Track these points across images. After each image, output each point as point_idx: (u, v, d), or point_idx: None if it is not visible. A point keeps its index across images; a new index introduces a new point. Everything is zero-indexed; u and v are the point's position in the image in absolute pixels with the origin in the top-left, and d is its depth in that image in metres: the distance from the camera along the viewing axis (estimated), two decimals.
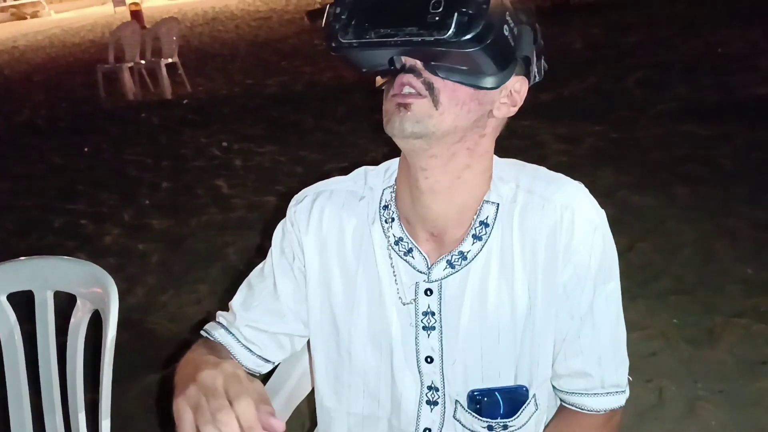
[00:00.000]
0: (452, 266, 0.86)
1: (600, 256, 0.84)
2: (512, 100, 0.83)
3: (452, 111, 0.78)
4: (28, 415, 1.26)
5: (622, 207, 3.15)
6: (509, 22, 0.75)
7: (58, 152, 5.81)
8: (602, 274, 0.84)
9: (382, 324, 0.90)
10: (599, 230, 0.84)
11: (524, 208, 0.84)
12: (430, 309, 0.87)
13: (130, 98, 7.47)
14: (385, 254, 0.89)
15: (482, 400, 0.87)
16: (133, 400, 2.23)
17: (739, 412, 1.86)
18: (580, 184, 0.87)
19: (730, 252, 2.66)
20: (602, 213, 0.86)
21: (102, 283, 1.13)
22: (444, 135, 0.79)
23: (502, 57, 0.76)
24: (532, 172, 0.88)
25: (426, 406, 0.91)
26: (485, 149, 0.84)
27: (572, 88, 5.30)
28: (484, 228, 0.85)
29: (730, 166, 3.48)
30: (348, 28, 0.77)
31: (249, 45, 11.30)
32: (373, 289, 0.90)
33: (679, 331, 2.22)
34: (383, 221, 0.90)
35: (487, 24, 0.71)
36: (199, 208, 4.00)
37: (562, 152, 4.02)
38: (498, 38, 0.73)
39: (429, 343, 0.88)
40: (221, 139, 5.45)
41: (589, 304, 0.85)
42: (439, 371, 0.89)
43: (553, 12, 9.06)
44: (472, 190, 0.85)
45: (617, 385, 0.89)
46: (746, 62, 5.24)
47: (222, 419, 0.61)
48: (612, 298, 0.87)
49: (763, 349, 2.09)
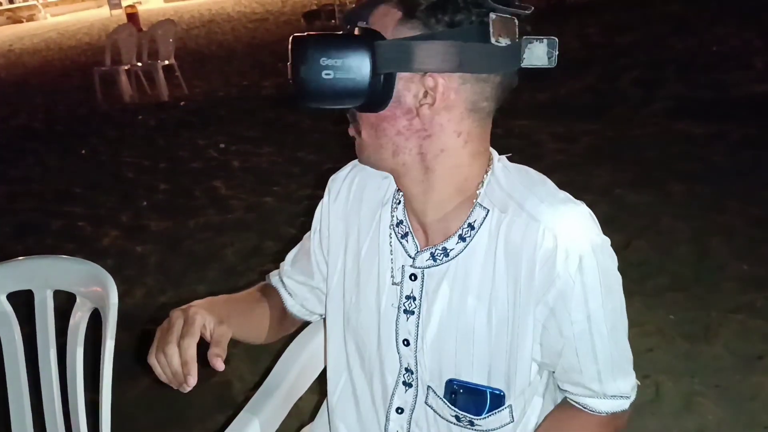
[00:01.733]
0: (434, 259, 0.88)
1: (590, 281, 0.80)
2: (431, 99, 0.79)
3: (370, 137, 0.84)
4: (29, 415, 1.26)
5: (618, 205, 3.17)
6: (328, 64, 0.77)
7: (55, 155, 5.81)
8: (595, 298, 0.81)
9: (375, 300, 0.94)
10: (586, 256, 0.79)
11: (511, 222, 0.82)
12: (412, 294, 0.90)
13: (127, 100, 7.47)
14: (387, 233, 0.93)
15: (458, 391, 0.89)
16: (133, 401, 2.23)
17: (735, 407, 1.87)
18: (581, 206, 0.83)
19: (726, 248, 2.67)
20: (597, 238, 0.81)
21: (102, 281, 1.14)
22: (378, 158, 0.85)
23: (349, 90, 0.78)
24: (531, 186, 0.84)
25: (402, 386, 0.94)
26: (440, 148, 0.82)
27: (568, 87, 5.32)
28: (470, 230, 0.86)
29: (725, 163, 3.50)
30: None
31: (246, 47, 11.30)
32: (373, 264, 0.94)
33: (675, 327, 2.23)
34: (394, 202, 0.94)
35: (300, 85, 0.78)
36: (196, 209, 4.01)
37: (558, 151, 4.03)
38: (323, 85, 0.77)
39: (407, 326, 0.91)
40: (219, 140, 5.45)
41: (584, 327, 0.83)
42: (413, 355, 0.91)
43: (549, 12, 9.08)
44: (444, 189, 0.85)
45: (621, 392, 0.89)
46: (740, 61, 5.26)
47: (167, 351, 0.84)
48: (609, 318, 0.84)
49: (759, 345, 2.10)
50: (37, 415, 1.26)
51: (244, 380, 2.27)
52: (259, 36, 12.71)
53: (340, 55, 0.77)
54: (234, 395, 2.21)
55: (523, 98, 5.21)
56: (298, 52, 0.78)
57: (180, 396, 2.51)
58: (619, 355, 0.88)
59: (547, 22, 8.40)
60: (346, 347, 1.01)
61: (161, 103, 7.22)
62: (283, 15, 16.19)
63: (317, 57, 0.77)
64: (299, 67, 0.77)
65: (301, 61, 0.77)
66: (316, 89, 0.78)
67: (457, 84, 0.79)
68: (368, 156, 0.86)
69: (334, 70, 0.76)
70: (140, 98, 7.51)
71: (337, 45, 0.77)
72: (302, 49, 0.77)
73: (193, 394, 2.51)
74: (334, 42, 0.78)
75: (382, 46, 0.77)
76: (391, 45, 0.77)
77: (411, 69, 0.78)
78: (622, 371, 0.89)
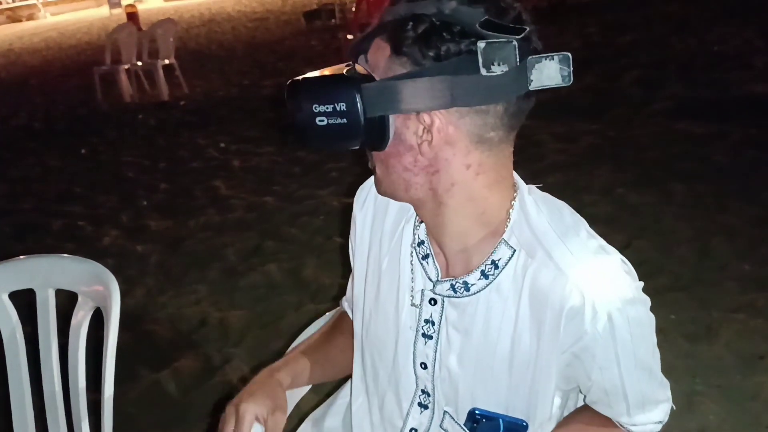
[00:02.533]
0: (455, 291, 0.86)
1: (620, 338, 0.77)
2: (431, 136, 0.76)
3: (382, 173, 0.83)
4: (31, 414, 1.26)
5: (619, 204, 3.17)
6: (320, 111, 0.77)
7: (55, 155, 5.81)
8: (626, 350, 0.79)
9: (393, 318, 0.93)
10: (616, 313, 0.76)
11: (538, 270, 0.79)
12: (431, 318, 0.89)
13: (127, 100, 7.47)
14: (409, 251, 0.92)
15: (481, 420, 0.86)
16: (134, 401, 2.23)
17: (736, 406, 1.87)
18: (612, 257, 0.80)
19: (727, 248, 2.67)
20: (627, 293, 0.78)
21: (103, 280, 1.14)
22: (392, 192, 0.84)
23: (344, 134, 0.78)
24: (563, 233, 0.79)
25: (417, 407, 0.93)
26: (450, 182, 0.79)
27: (569, 87, 5.22)
28: (494, 269, 0.83)
29: (726, 163, 3.50)
30: None
31: (246, 46, 11.29)
32: (393, 280, 0.93)
33: (676, 327, 2.23)
34: (417, 220, 0.92)
35: (298, 131, 0.79)
36: (197, 209, 4.01)
37: (559, 151, 4.03)
38: (318, 131, 0.78)
39: (425, 350, 0.90)
40: (219, 140, 5.45)
41: (615, 376, 0.81)
42: (431, 379, 0.90)
43: (550, 11, 9.08)
44: (459, 222, 0.83)
45: (651, 421, 0.89)
46: (741, 60, 5.26)
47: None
48: (641, 367, 0.82)
49: (761, 344, 2.10)
50: (38, 414, 1.26)
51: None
52: (259, 35, 12.71)
53: (331, 100, 0.76)
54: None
55: None
56: (292, 98, 0.78)
57: (181, 396, 2.52)
58: (651, 390, 0.87)
59: (548, 22, 8.42)
60: (363, 357, 1.01)
61: (161, 102, 7.21)
62: (283, 14, 16.18)
63: (309, 104, 0.77)
64: (295, 114, 0.78)
65: (296, 108, 0.78)
66: (313, 135, 0.78)
67: (456, 118, 0.75)
68: (384, 190, 0.86)
69: (326, 117, 0.76)
70: (140, 98, 7.51)
71: (327, 91, 0.77)
72: (295, 96, 0.78)
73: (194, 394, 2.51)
74: (325, 88, 0.77)
75: (369, 89, 0.75)
76: (378, 88, 0.75)
77: (401, 110, 0.75)
78: (654, 402, 0.88)
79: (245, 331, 2.58)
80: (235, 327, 2.62)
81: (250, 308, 2.74)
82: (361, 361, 1.01)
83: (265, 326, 2.59)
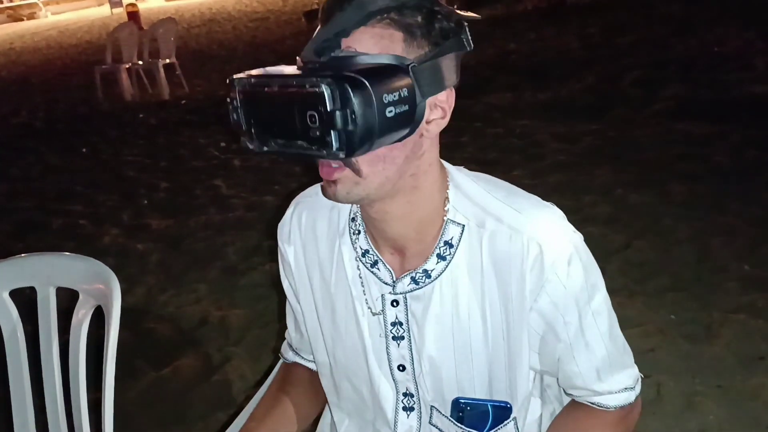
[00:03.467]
0: (416, 282, 0.86)
1: (576, 281, 0.82)
2: (442, 114, 0.78)
3: (375, 172, 0.76)
4: (31, 412, 1.26)
5: (619, 205, 3.17)
6: (390, 101, 0.70)
7: (56, 153, 5.81)
8: (584, 295, 0.83)
9: (357, 333, 0.91)
10: (571, 258, 0.81)
11: (493, 235, 0.82)
12: (397, 319, 0.88)
13: (128, 99, 7.47)
14: (354, 265, 0.90)
15: (465, 409, 0.88)
16: (134, 399, 2.23)
17: (736, 407, 1.87)
18: (552, 208, 0.84)
19: (727, 249, 2.67)
20: (575, 237, 0.83)
21: (104, 278, 1.14)
22: (378, 191, 0.78)
23: (402, 124, 0.72)
24: (503, 196, 0.84)
25: (403, 412, 0.93)
26: (429, 163, 0.81)
27: (569, 87, 5.32)
28: (449, 248, 0.84)
29: (726, 164, 3.50)
30: (252, 134, 0.75)
31: (246, 46, 11.30)
32: (346, 298, 0.91)
33: (676, 328, 2.23)
34: (351, 233, 0.90)
35: (364, 131, 0.68)
36: (197, 208, 4.01)
37: (559, 151, 4.03)
38: (385, 125, 0.70)
39: (399, 352, 0.89)
40: (219, 139, 5.45)
41: (577, 327, 0.84)
42: (411, 378, 0.90)
43: (550, 12, 9.08)
44: (426, 206, 0.83)
45: (624, 386, 0.90)
46: (742, 61, 5.26)
47: None
48: (599, 313, 0.86)
49: (761, 345, 2.10)
50: (39, 412, 1.26)
51: (245, 379, 2.27)
52: (260, 35, 12.71)
53: (397, 88, 0.70)
54: (235, 394, 2.21)
55: (524, 98, 5.22)
56: (359, 94, 0.67)
57: (181, 395, 2.52)
58: (615, 348, 0.89)
59: (548, 23, 8.43)
60: (336, 385, 0.98)
61: (162, 101, 7.22)
62: (283, 14, 16.18)
63: (380, 95, 0.69)
64: (363, 109, 0.67)
65: (365, 103, 0.67)
66: (382, 128, 0.70)
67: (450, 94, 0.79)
68: (361, 191, 0.77)
69: (395, 106, 0.70)
70: (141, 97, 7.51)
71: (391, 79, 0.71)
72: (362, 92, 0.67)
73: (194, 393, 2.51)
74: (388, 76, 0.71)
75: (420, 71, 0.73)
76: (427, 68, 0.73)
77: (442, 88, 0.76)
78: (621, 365, 0.90)
79: (246, 330, 2.59)
80: (236, 326, 2.62)
81: (250, 307, 2.75)
82: (335, 390, 0.99)
83: (265, 325, 2.59)
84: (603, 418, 0.91)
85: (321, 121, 0.68)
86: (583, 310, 0.84)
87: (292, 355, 1.08)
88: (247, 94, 0.74)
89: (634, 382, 0.91)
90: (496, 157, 3.97)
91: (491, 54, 6.94)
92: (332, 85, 0.67)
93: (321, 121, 0.68)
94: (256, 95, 0.74)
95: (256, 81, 0.73)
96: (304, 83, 0.68)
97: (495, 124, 4.70)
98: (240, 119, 0.75)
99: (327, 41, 0.73)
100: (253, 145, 0.76)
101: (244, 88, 0.74)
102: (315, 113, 0.68)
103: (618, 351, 0.89)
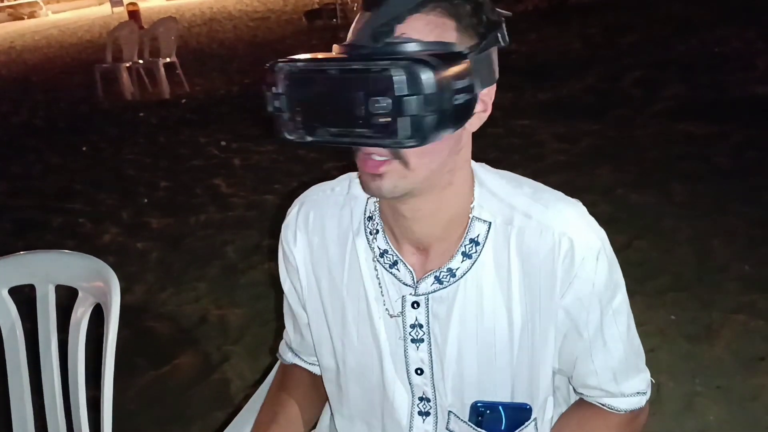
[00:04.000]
0: (440, 282, 0.83)
1: (602, 278, 0.81)
2: (484, 107, 0.77)
3: (423, 164, 0.73)
4: (30, 410, 1.26)
5: (619, 205, 3.17)
6: (458, 88, 0.67)
7: (56, 152, 5.81)
8: (607, 293, 0.83)
9: (371, 336, 0.88)
10: (599, 254, 0.81)
11: (521, 231, 0.81)
12: (417, 321, 0.85)
13: (128, 98, 7.47)
14: (371, 266, 0.87)
15: (485, 412, 0.86)
16: (133, 398, 2.23)
17: (736, 407, 1.87)
18: (578, 204, 0.83)
19: (727, 249, 2.67)
20: (601, 233, 0.83)
21: (104, 276, 1.13)
22: (422, 184, 0.76)
23: (464, 115, 0.71)
24: (530, 192, 0.83)
25: (418, 416, 0.90)
26: (465, 159, 0.80)
27: (570, 87, 5.31)
28: (474, 246, 0.82)
29: (727, 164, 3.50)
30: (296, 124, 0.72)
31: (247, 45, 11.30)
32: (360, 301, 0.88)
33: (677, 328, 2.23)
34: (368, 232, 0.87)
35: (435, 118, 0.66)
36: (197, 207, 4.01)
37: (560, 151, 4.03)
38: (451, 114, 0.67)
39: (418, 355, 0.87)
40: (219, 138, 5.45)
41: (597, 325, 0.84)
42: (430, 382, 0.87)
43: (551, 12, 9.08)
44: (457, 203, 0.81)
45: (637, 390, 0.89)
46: (742, 61, 5.26)
47: None
48: (619, 313, 0.85)
49: (761, 345, 2.10)
50: (38, 410, 1.26)
51: (244, 378, 2.27)
52: (260, 34, 12.71)
53: (463, 75, 0.68)
54: (234, 393, 2.21)
55: (524, 98, 5.21)
56: (432, 80, 0.64)
57: (180, 393, 2.52)
58: (632, 350, 0.88)
59: (549, 23, 8.42)
60: (342, 390, 0.95)
61: (162, 100, 7.21)
62: (284, 14, 16.19)
63: (450, 81, 0.66)
64: (434, 98, 0.65)
65: (439, 90, 0.65)
66: (452, 116, 0.68)
67: None
68: (408, 185, 0.74)
69: (463, 93, 0.68)
70: (141, 96, 7.51)
71: (456, 65, 0.68)
72: (434, 76, 0.65)
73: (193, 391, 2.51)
74: (453, 62, 0.68)
75: (477, 60, 0.71)
76: (483, 58, 0.72)
77: (493, 80, 0.75)
78: (636, 368, 0.89)
79: (245, 328, 2.58)
80: (235, 325, 2.62)
81: (250, 306, 2.74)
82: (339, 395, 0.96)
83: (264, 324, 2.59)
84: (611, 420, 0.90)
85: (390, 107, 0.65)
86: (605, 308, 0.83)
87: (291, 357, 1.05)
88: (296, 79, 0.70)
89: (646, 386, 0.90)
90: (496, 157, 3.97)
91: None
92: (405, 68, 0.64)
93: (390, 107, 0.65)
94: (307, 81, 0.70)
95: (307, 65, 0.70)
96: (370, 67, 0.65)
97: (495, 124, 4.69)
98: (283, 107, 0.72)
99: (382, 26, 0.69)
100: (294, 135, 0.72)
101: (291, 73, 0.70)
102: (382, 99, 0.65)
103: (634, 353, 0.88)
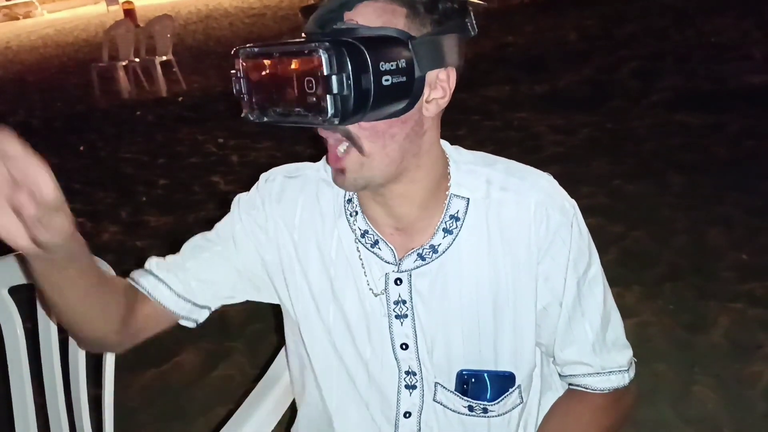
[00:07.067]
0: (423, 258, 0.86)
1: (576, 244, 0.85)
2: (441, 92, 0.79)
3: (377, 149, 0.77)
4: (32, 409, 1.27)
5: (616, 196, 3.17)
6: (386, 70, 0.71)
7: (54, 151, 5.79)
8: (582, 261, 0.86)
9: (357, 314, 0.91)
10: (573, 221, 0.85)
11: (499, 204, 0.85)
12: (401, 298, 0.88)
13: (125, 96, 7.46)
14: (353, 246, 0.90)
15: (470, 380, 0.88)
16: (134, 395, 2.24)
17: (734, 395, 1.88)
18: (550, 176, 0.88)
19: (725, 238, 2.68)
20: (573, 202, 0.87)
21: None
22: (382, 172, 0.79)
23: (398, 95, 0.74)
24: (503, 168, 0.88)
25: (405, 390, 0.92)
26: (430, 142, 0.82)
27: (567, 79, 5.31)
28: (455, 222, 0.85)
29: (724, 154, 3.50)
30: (252, 105, 0.77)
31: (243, 42, 10.97)
32: (347, 280, 0.91)
33: (674, 317, 2.24)
34: (348, 214, 0.90)
35: (359, 97, 0.69)
36: (195, 204, 4.01)
37: (557, 143, 4.03)
38: (381, 93, 0.71)
39: (402, 330, 0.89)
40: (217, 135, 5.45)
41: (575, 294, 0.86)
42: (415, 356, 0.90)
43: (547, 4, 9.06)
44: (430, 184, 0.84)
45: (619, 365, 0.90)
46: (739, 52, 5.25)
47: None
48: (595, 282, 0.88)
49: (758, 334, 2.11)
50: (40, 409, 1.27)
51: (245, 373, 2.28)
52: (256, 31, 12.68)
53: (394, 57, 0.72)
54: (234, 389, 2.21)
55: (521, 90, 5.21)
56: (355, 59, 0.68)
57: (181, 390, 2.52)
58: (611, 323, 0.90)
59: (545, 15, 8.41)
60: (334, 365, 0.95)
61: (159, 98, 7.21)
62: (280, 10, 16.14)
63: (377, 62, 0.70)
64: (359, 75, 0.69)
65: (361, 69, 0.69)
66: (378, 96, 0.71)
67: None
68: (367, 173, 0.79)
69: (391, 75, 0.71)
70: (138, 94, 7.50)
71: (390, 48, 0.72)
72: (358, 56, 0.69)
73: (194, 388, 2.51)
74: (386, 45, 0.72)
75: (420, 45, 0.74)
76: (427, 42, 0.75)
77: (442, 65, 0.77)
78: (615, 343, 0.91)
79: (245, 325, 2.59)
80: (235, 321, 2.63)
81: (249, 302, 2.75)
82: (327, 371, 0.96)
83: (264, 320, 2.60)
84: (594, 402, 0.91)
85: (317, 86, 0.69)
86: (581, 277, 0.87)
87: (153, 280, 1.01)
88: (249, 63, 0.76)
89: (628, 364, 0.92)
90: (493, 150, 3.89)
91: (488, 46, 6.92)
92: (330, 50, 0.68)
93: (317, 86, 0.69)
94: (258, 65, 0.75)
95: (259, 50, 0.75)
96: (302, 49, 0.70)
97: (492, 117, 4.70)
98: (242, 89, 0.77)
99: (330, 13, 0.74)
100: (253, 116, 0.78)
101: (247, 57, 0.76)
102: (312, 78, 0.69)
103: (612, 325, 0.91)
